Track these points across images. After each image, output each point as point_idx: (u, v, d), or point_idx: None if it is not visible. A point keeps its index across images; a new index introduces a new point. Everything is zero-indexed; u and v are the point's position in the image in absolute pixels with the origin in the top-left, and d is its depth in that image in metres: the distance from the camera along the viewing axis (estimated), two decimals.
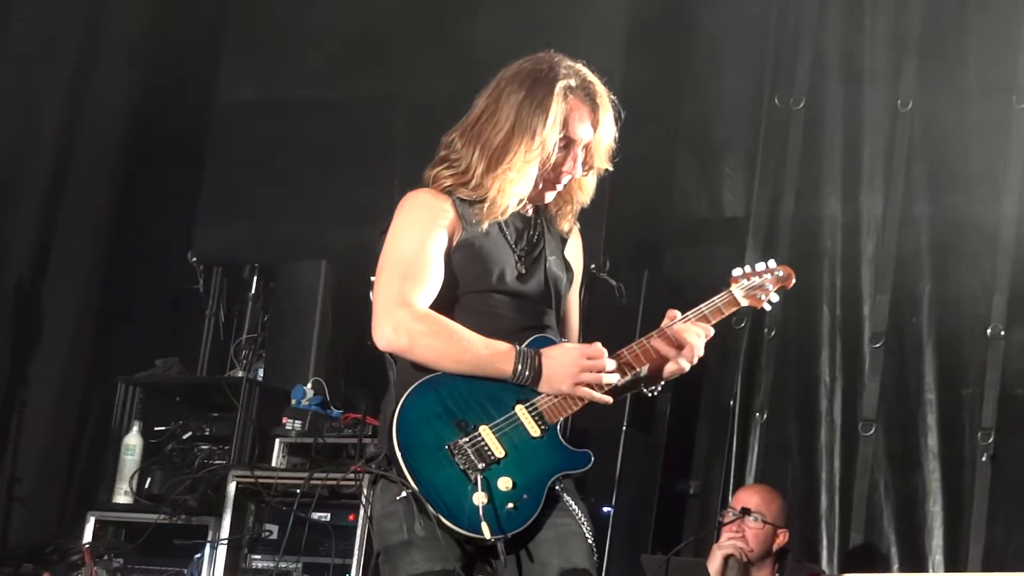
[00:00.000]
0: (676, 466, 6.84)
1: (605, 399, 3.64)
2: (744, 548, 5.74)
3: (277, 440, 6.42)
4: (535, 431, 3.59)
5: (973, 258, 6.39)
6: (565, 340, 3.79)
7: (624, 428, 6.37)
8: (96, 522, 6.56)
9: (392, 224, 3.72)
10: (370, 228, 3.84)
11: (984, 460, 6.17)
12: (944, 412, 6.34)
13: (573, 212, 3.89)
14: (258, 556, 6.28)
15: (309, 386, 6.52)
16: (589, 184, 3.87)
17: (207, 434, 6.74)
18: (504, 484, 3.52)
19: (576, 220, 3.91)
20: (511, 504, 3.51)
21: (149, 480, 6.59)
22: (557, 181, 3.79)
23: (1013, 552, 6.08)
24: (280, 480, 6.18)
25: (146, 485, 6.58)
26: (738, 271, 3.88)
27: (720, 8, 6.90)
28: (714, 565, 5.71)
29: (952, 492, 6.25)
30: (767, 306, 3.89)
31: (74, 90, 7.68)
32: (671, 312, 3.77)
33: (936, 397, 6.37)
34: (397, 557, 3.55)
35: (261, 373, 7.10)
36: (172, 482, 6.51)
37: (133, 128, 7.80)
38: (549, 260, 3.79)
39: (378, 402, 4.09)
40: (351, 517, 6.02)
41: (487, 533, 3.46)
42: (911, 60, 6.64)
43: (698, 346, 3.70)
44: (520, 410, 3.59)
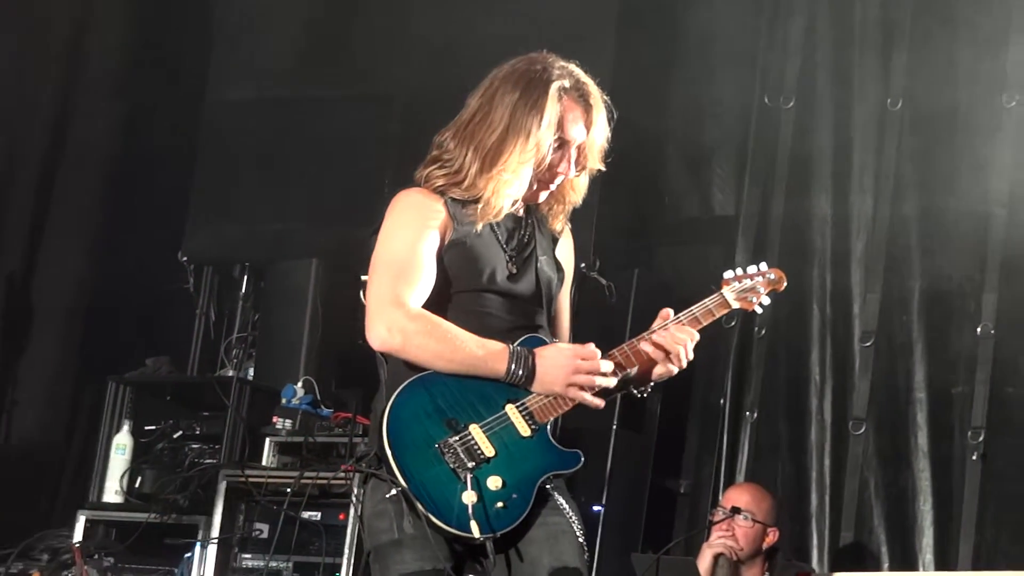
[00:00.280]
0: (666, 465, 6.85)
1: (597, 403, 3.63)
2: (734, 547, 5.73)
3: (267, 439, 6.41)
4: (525, 431, 3.58)
5: (963, 257, 6.39)
6: (556, 340, 3.79)
7: (614, 427, 6.37)
8: (87, 521, 6.54)
9: (384, 224, 3.71)
10: (361, 227, 3.83)
11: (974, 459, 6.18)
12: (934, 411, 6.36)
13: (565, 212, 3.88)
14: (248, 555, 6.27)
15: (299, 385, 6.51)
16: (581, 184, 3.86)
17: (197, 433, 6.74)
18: (494, 483, 3.52)
19: (568, 220, 3.90)
20: (501, 503, 3.51)
21: (139, 479, 6.59)
22: (550, 181, 3.78)
23: (1003, 550, 6.09)
24: (270, 479, 6.17)
25: (136, 484, 6.58)
26: (729, 273, 3.88)
27: (710, 8, 6.89)
28: (704, 564, 5.71)
29: (942, 491, 6.26)
30: (758, 309, 3.90)
31: (65, 89, 7.67)
32: (664, 311, 3.76)
33: (926, 396, 6.38)
34: (387, 556, 3.55)
35: (251, 372, 7.11)
36: (162, 481, 6.51)
37: (123, 127, 7.79)
38: (540, 260, 3.78)
39: (368, 401, 4.09)
40: (341, 516, 6.01)
41: (476, 532, 3.46)
42: (901, 59, 6.65)
43: (689, 349, 3.70)
44: (510, 409, 3.59)
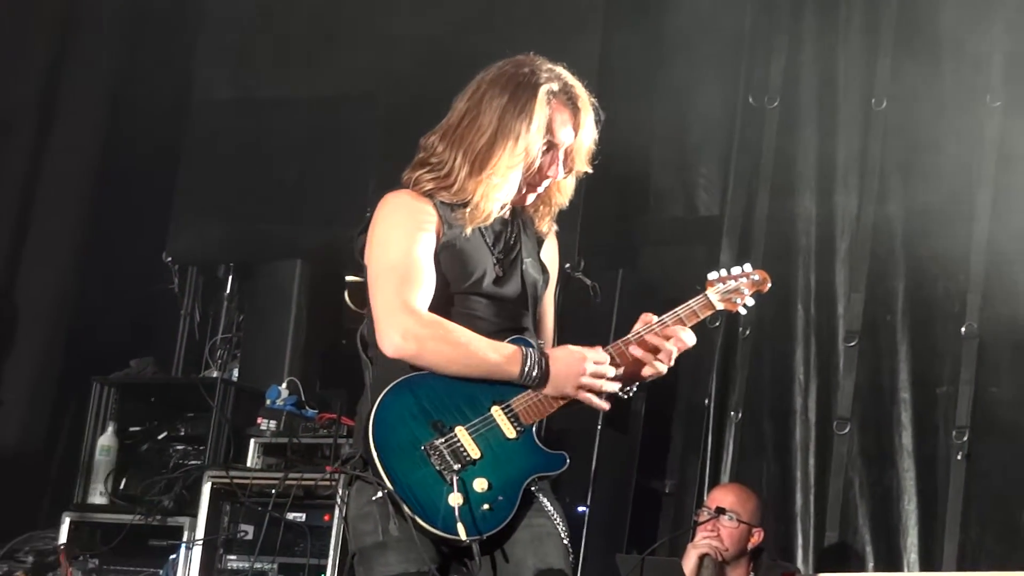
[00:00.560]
0: (651, 465, 6.85)
1: (603, 405, 3.66)
2: (719, 547, 5.74)
3: (252, 440, 6.41)
4: (511, 432, 3.58)
5: (947, 256, 6.39)
6: (542, 342, 3.78)
7: (599, 427, 6.35)
8: (71, 523, 6.52)
9: (375, 228, 3.68)
10: (345, 228, 3.82)
11: (959, 458, 6.19)
12: (919, 410, 6.36)
13: (551, 214, 3.87)
14: (233, 556, 6.26)
15: (284, 386, 6.50)
16: (568, 186, 3.84)
17: (182, 434, 6.74)
18: (480, 485, 3.52)
19: (554, 222, 3.89)
20: (487, 505, 3.51)
21: (124, 480, 6.58)
22: (538, 184, 3.77)
23: (987, 549, 6.10)
24: (255, 480, 6.16)
25: (121, 485, 6.57)
26: (714, 274, 3.87)
27: (695, 8, 6.90)
28: (689, 564, 5.71)
29: (927, 490, 6.27)
30: (742, 310, 3.89)
31: (48, 89, 7.64)
32: (645, 317, 3.76)
33: (911, 395, 6.39)
34: (371, 558, 3.55)
35: (236, 373, 7.09)
36: (147, 483, 6.51)
37: (108, 127, 7.76)
38: (526, 262, 3.78)
39: (353, 402, 4.08)
40: (326, 517, 6.01)
41: (463, 534, 3.46)
42: (885, 59, 6.66)
43: (677, 348, 3.70)
44: (496, 411, 3.59)
